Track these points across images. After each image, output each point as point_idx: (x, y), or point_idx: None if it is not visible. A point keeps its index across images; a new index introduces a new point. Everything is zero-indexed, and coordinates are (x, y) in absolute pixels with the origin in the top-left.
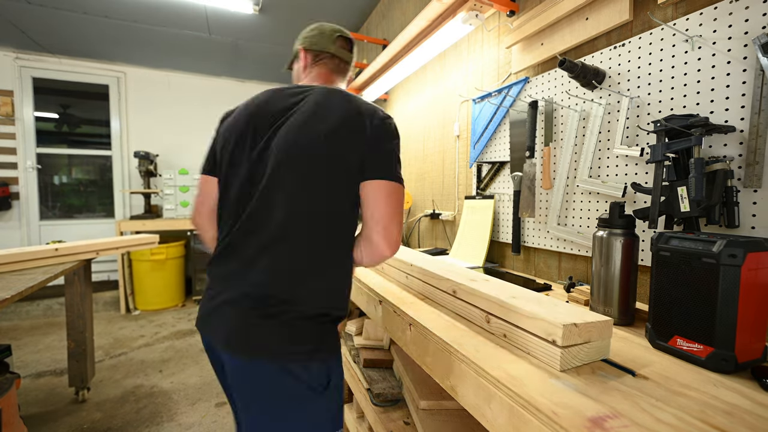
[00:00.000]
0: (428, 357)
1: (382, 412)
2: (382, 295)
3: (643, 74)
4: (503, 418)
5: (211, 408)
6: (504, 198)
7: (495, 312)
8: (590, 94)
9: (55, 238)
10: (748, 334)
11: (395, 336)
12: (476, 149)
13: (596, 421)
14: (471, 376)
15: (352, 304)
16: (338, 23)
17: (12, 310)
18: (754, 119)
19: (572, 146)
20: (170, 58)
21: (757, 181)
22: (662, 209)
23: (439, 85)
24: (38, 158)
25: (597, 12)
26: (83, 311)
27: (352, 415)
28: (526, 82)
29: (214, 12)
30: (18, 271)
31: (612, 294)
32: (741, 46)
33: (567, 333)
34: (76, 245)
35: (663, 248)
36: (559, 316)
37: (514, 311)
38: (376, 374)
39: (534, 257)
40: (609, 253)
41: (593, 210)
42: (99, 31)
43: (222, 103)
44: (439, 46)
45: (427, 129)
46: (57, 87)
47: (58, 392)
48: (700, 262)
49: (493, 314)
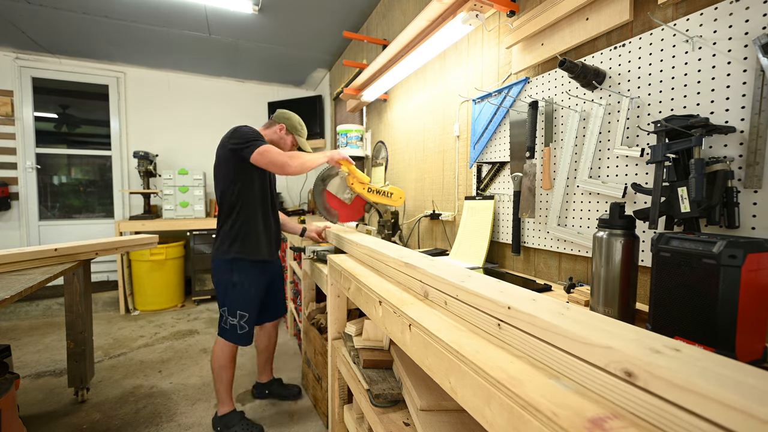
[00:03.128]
0: (428, 358)
1: (382, 413)
2: (381, 295)
3: (644, 74)
4: (503, 418)
5: (210, 408)
6: (504, 198)
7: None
8: (590, 94)
9: (54, 238)
10: (748, 335)
11: (395, 336)
12: (476, 149)
13: (596, 422)
14: (471, 376)
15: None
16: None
17: (11, 311)
18: (755, 120)
19: (572, 147)
20: (170, 58)
21: (758, 182)
22: (662, 210)
23: (439, 86)
24: (38, 158)
25: (597, 12)
26: (82, 311)
27: (352, 416)
28: (526, 83)
29: (213, 12)
30: (17, 271)
31: (612, 294)
32: (741, 46)
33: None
34: (75, 245)
35: (663, 249)
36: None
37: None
38: (376, 375)
39: (534, 258)
40: (609, 253)
41: (593, 210)
42: (99, 31)
43: (222, 104)
44: (439, 47)
45: (426, 129)
46: (57, 87)
47: (57, 392)
48: (701, 263)
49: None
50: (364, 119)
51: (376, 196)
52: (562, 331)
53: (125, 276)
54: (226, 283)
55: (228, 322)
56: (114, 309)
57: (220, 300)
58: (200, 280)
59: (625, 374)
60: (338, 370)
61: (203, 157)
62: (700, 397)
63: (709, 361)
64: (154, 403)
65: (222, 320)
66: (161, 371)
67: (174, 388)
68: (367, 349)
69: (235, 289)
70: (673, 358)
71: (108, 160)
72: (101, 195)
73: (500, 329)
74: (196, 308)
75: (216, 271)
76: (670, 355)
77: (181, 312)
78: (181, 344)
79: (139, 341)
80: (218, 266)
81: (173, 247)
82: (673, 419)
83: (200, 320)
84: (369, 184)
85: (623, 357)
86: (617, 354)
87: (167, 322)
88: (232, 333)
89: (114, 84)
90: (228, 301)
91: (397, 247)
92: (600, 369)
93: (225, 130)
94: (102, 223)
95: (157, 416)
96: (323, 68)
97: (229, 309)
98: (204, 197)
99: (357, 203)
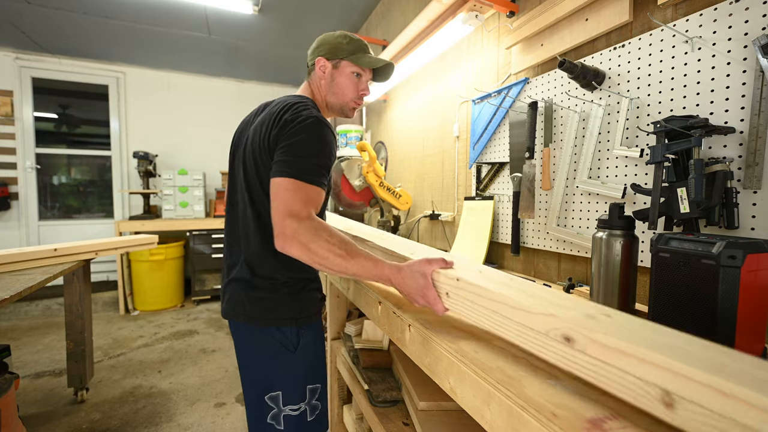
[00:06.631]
0: (427, 358)
1: (382, 413)
2: (381, 295)
3: (643, 75)
4: (502, 419)
5: (210, 408)
6: (503, 199)
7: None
8: (590, 95)
9: (54, 238)
10: (747, 335)
11: (394, 337)
12: (476, 150)
13: (595, 422)
14: (470, 376)
15: (351, 305)
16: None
17: (11, 311)
18: (754, 120)
19: (572, 147)
20: (170, 58)
21: (757, 183)
22: (662, 210)
23: (438, 86)
24: (37, 158)
25: (597, 13)
26: (82, 311)
27: (352, 416)
28: (526, 83)
29: (213, 12)
30: (17, 271)
31: (612, 295)
32: (741, 47)
33: None
34: (75, 245)
35: (662, 249)
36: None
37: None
38: (376, 375)
39: (533, 258)
40: (608, 254)
41: (593, 211)
42: (99, 31)
43: (222, 104)
44: (438, 47)
45: (426, 130)
46: (56, 87)
47: (56, 392)
48: (700, 264)
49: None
50: (364, 119)
51: (386, 193)
52: (510, 301)
53: (125, 276)
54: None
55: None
56: (114, 309)
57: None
58: (200, 280)
59: (565, 339)
60: (338, 371)
61: (203, 157)
62: (624, 355)
63: (635, 324)
64: (153, 403)
65: (269, 417)
66: (161, 371)
67: (173, 388)
68: (366, 349)
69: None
70: (605, 323)
71: (108, 160)
72: (101, 195)
73: (449, 298)
74: (195, 308)
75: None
76: (603, 321)
77: (180, 312)
78: (180, 344)
79: (139, 341)
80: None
81: (173, 247)
82: (607, 375)
83: (200, 320)
84: (383, 179)
85: (563, 324)
86: (557, 321)
87: (167, 322)
88: (300, 427)
89: (114, 84)
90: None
91: (361, 225)
92: (543, 334)
93: (225, 131)
94: (102, 223)
95: (157, 416)
96: None
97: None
98: (204, 197)
99: (363, 195)
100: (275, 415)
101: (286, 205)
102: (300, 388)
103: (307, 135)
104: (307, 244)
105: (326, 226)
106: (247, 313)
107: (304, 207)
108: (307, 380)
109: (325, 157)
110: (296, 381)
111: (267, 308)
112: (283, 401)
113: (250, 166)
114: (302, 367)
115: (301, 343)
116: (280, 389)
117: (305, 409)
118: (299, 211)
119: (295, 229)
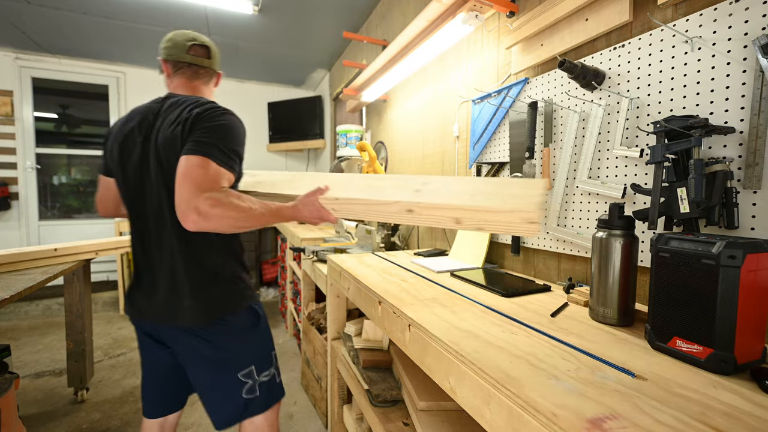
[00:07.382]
0: (427, 358)
1: (382, 413)
2: (381, 295)
3: (643, 75)
4: (502, 419)
5: None
6: None
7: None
8: (590, 95)
9: (54, 238)
10: (747, 336)
11: (394, 337)
12: (476, 150)
13: (595, 422)
14: (470, 376)
15: (351, 305)
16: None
17: (11, 311)
18: (754, 120)
19: (572, 147)
20: None
21: (757, 183)
22: (662, 210)
23: (438, 86)
24: (37, 158)
25: (597, 13)
26: (82, 311)
27: (352, 416)
28: (526, 83)
29: (214, 12)
30: (17, 271)
31: (611, 295)
32: (741, 47)
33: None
34: (75, 245)
35: (662, 249)
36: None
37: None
38: (376, 375)
39: (533, 258)
40: (608, 254)
41: (593, 211)
42: (99, 31)
43: (222, 104)
44: (438, 47)
45: (426, 129)
46: (56, 87)
47: (57, 392)
48: (700, 264)
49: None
50: (364, 119)
51: None
52: (372, 201)
53: (125, 276)
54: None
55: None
56: (114, 309)
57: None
58: None
59: (408, 211)
60: (338, 370)
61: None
62: (437, 208)
63: (443, 183)
64: None
65: (244, 391)
66: None
67: None
68: (366, 349)
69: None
70: (426, 193)
71: None
72: None
73: (335, 211)
74: None
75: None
76: (425, 191)
77: None
78: None
79: None
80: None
81: None
82: (430, 219)
83: None
84: None
85: (404, 204)
86: (401, 204)
87: None
88: (271, 389)
89: (114, 84)
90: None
91: (263, 172)
92: (396, 214)
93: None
94: (102, 223)
95: None
96: (323, 68)
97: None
98: None
99: None
100: (250, 387)
101: (195, 181)
102: (268, 355)
103: (226, 122)
104: (219, 213)
105: (231, 192)
106: (206, 312)
107: (214, 184)
108: (269, 347)
109: (238, 145)
110: (264, 350)
111: (222, 300)
112: (257, 372)
113: (172, 166)
114: (267, 336)
115: (261, 315)
116: (252, 363)
117: (274, 372)
118: (210, 187)
119: (206, 200)
